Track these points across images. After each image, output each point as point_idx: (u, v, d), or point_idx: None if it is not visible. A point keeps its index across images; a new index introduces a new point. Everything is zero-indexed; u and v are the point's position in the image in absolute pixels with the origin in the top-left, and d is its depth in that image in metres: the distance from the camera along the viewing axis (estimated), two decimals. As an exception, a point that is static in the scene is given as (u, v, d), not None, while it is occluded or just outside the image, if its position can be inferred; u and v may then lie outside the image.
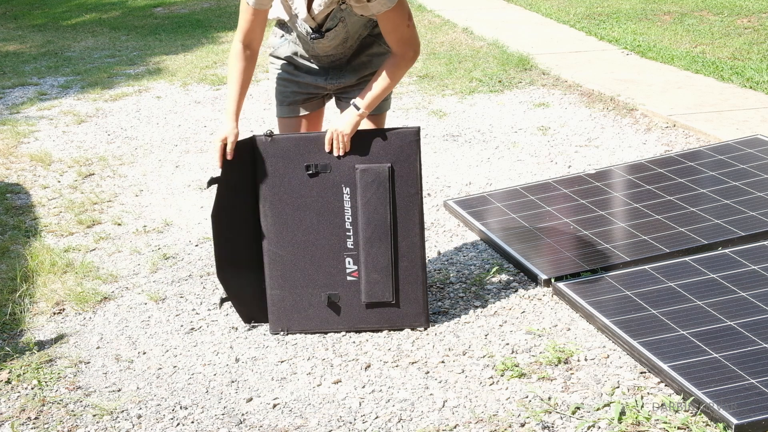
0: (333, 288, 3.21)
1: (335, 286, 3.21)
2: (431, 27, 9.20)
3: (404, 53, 3.07)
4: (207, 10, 11.28)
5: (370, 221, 3.15)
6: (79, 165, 5.28)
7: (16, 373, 3.01)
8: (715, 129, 5.28)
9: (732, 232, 3.70)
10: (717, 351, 2.83)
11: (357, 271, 3.19)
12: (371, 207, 3.14)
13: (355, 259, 3.19)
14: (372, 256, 3.16)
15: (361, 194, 3.13)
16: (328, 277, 3.20)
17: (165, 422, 2.74)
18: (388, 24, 3.02)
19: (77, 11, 11.63)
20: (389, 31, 3.04)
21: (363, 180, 3.12)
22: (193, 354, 3.15)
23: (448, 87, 6.72)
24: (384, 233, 3.15)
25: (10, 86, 7.43)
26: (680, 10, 9.27)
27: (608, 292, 3.30)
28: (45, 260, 3.88)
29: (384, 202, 3.12)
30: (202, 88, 7.12)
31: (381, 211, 3.14)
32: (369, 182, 3.12)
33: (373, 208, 3.14)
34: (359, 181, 3.13)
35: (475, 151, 5.27)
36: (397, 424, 2.67)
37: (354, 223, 3.16)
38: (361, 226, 3.16)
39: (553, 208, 4.16)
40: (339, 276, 3.20)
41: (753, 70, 6.61)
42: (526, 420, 2.65)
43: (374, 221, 3.15)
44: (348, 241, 3.17)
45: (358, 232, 3.17)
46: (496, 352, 3.05)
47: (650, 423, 2.59)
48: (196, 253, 4.00)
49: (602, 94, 6.22)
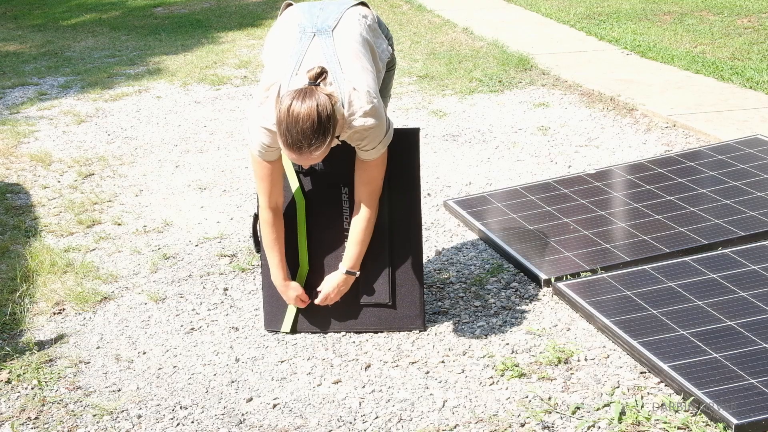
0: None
1: None
2: (431, 27, 9.20)
3: (371, 206, 3.03)
4: (207, 10, 11.28)
5: None
6: (79, 165, 5.28)
7: (16, 373, 3.02)
8: (715, 129, 5.28)
9: (732, 232, 3.70)
10: (717, 351, 2.83)
11: None
12: None
13: None
14: (369, 257, 3.16)
15: None
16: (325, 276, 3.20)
17: (165, 422, 2.74)
18: (367, 174, 2.98)
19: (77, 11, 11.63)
20: (365, 182, 2.99)
21: None
22: (193, 354, 3.15)
23: (448, 87, 6.72)
24: (382, 234, 3.15)
25: (10, 86, 7.43)
26: (680, 10, 9.26)
27: (608, 292, 3.30)
28: (45, 260, 3.88)
29: (382, 203, 3.12)
30: (202, 88, 7.12)
31: (379, 211, 3.13)
32: None
33: None
34: None
35: (475, 151, 5.27)
36: (397, 424, 2.68)
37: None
38: None
39: (552, 208, 4.15)
40: None
41: (753, 70, 6.61)
42: (526, 420, 2.65)
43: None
44: (346, 241, 3.17)
45: None
46: (496, 352, 3.05)
47: (650, 423, 2.59)
48: (196, 253, 4.00)
49: (602, 94, 6.22)
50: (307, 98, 2.62)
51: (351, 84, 2.79)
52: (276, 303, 3.22)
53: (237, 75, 7.47)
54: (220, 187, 4.82)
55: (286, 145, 2.66)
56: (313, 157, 2.69)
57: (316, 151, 2.66)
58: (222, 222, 4.35)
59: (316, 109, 2.61)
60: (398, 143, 3.08)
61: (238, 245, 4.05)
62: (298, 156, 2.69)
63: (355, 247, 3.08)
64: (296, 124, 2.61)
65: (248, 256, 3.91)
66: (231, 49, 8.60)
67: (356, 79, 2.81)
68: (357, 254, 3.09)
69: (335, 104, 2.70)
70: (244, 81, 7.26)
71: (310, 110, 2.60)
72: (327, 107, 2.64)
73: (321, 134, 2.64)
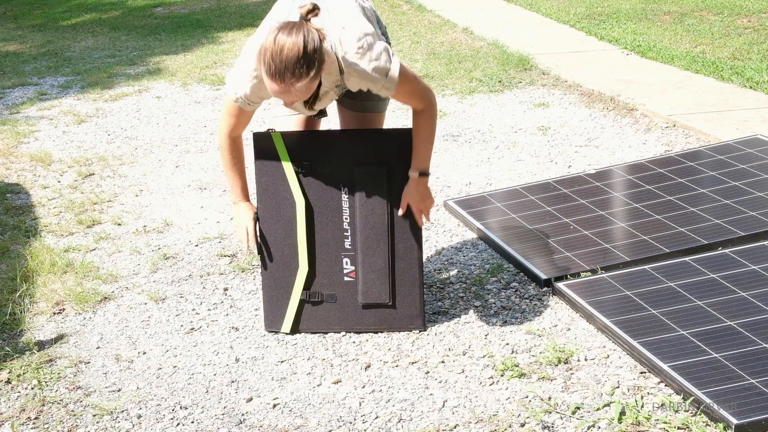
0: (330, 288, 3.20)
1: (332, 286, 3.20)
2: (431, 27, 9.20)
3: (426, 106, 3.01)
4: (207, 10, 11.28)
5: (367, 222, 3.14)
6: (79, 165, 5.28)
7: (16, 373, 3.02)
8: (715, 129, 5.28)
9: (732, 232, 3.70)
10: (717, 351, 2.83)
11: (354, 272, 3.19)
12: (369, 208, 3.13)
13: (352, 260, 3.18)
14: (369, 257, 3.16)
15: (360, 195, 3.13)
16: (325, 277, 3.20)
17: (165, 422, 2.74)
18: (402, 97, 2.97)
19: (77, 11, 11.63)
20: (406, 100, 3.00)
21: (361, 180, 3.12)
22: (193, 354, 3.15)
23: (448, 87, 6.72)
24: (381, 234, 3.15)
25: (10, 86, 7.43)
26: (680, 10, 9.26)
27: (608, 292, 3.30)
28: (45, 260, 3.88)
29: (382, 203, 3.12)
30: (202, 88, 7.12)
31: (379, 212, 3.13)
32: (367, 183, 3.12)
33: (371, 208, 3.14)
34: (357, 182, 3.12)
35: (475, 151, 5.27)
36: (397, 424, 2.68)
37: (352, 224, 3.16)
38: (359, 226, 3.15)
39: (552, 208, 4.15)
40: (336, 276, 3.20)
41: (753, 70, 6.61)
42: (526, 420, 2.65)
43: (372, 222, 3.14)
44: (346, 241, 3.17)
45: (356, 232, 3.16)
46: (496, 352, 3.05)
47: (650, 423, 2.59)
48: (196, 253, 4.00)
49: (602, 94, 6.22)
50: (294, 30, 2.61)
51: (340, 24, 2.79)
52: (277, 303, 3.22)
53: (237, 75, 7.46)
54: (220, 187, 4.83)
55: (269, 74, 2.63)
56: (295, 90, 2.65)
57: (298, 83, 2.62)
58: (222, 222, 4.35)
59: (303, 40, 2.59)
60: (398, 143, 3.09)
61: (238, 245, 4.05)
62: (279, 87, 2.64)
63: (423, 146, 3.04)
64: (281, 53, 2.58)
65: (248, 256, 3.91)
66: (231, 49, 8.60)
67: (346, 21, 2.80)
68: (426, 153, 3.05)
69: (323, 40, 2.68)
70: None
71: (296, 41, 2.59)
72: (315, 41, 2.62)
73: (306, 66, 2.61)
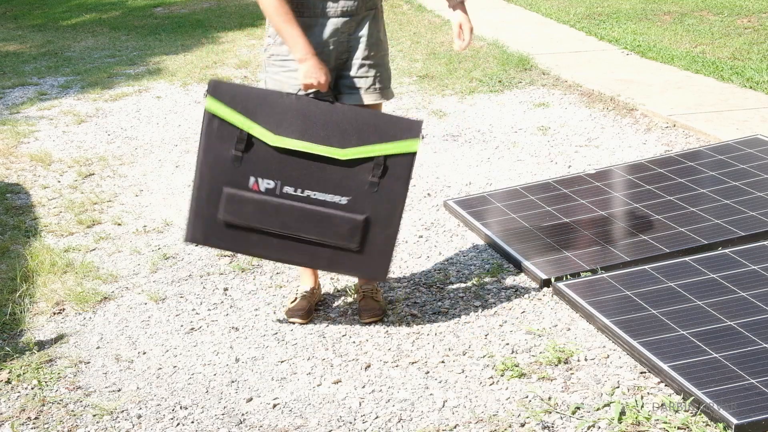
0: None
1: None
2: (431, 27, 9.20)
3: None
4: (207, 10, 11.28)
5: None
6: (79, 165, 5.29)
7: (16, 373, 3.02)
8: (715, 129, 5.28)
9: (732, 232, 3.70)
10: (717, 351, 2.83)
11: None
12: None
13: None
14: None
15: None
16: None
17: (165, 422, 2.74)
18: None
19: (77, 11, 11.63)
20: None
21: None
22: (193, 354, 3.15)
23: (448, 87, 6.72)
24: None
25: (10, 86, 7.43)
26: (680, 10, 9.26)
27: (608, 292, 3.30)
28: (45, 260, 3.88)
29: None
30: (202, 88, 7.12)
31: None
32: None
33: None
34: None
35: (475, 151, 5.27)
36: (397, 424, 2.68)
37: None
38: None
39: (552, 208, 4.16)
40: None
41: (753, 70, 6.61)
42: (526, 420, 2.65)
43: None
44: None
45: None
46: (496, 352, 3.05)
47: (650, 423, 2.59)
48: (196, 253, 4.00)
49: (602, 94, 6.22)
50: None
51: None
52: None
53: (237, 75, 7.47)
54: (220, 187, 4.82)
55: None
56: None
57: None
58: (222, 222, 4.35)
59: None
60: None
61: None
62: None
63: None
64: None
65: (248, 256, 3.91)
66: (231, 49, 8.60)
67: None
68: None
69: None
70: (244, 81, 7.26)
71: None
72: None
73: None
